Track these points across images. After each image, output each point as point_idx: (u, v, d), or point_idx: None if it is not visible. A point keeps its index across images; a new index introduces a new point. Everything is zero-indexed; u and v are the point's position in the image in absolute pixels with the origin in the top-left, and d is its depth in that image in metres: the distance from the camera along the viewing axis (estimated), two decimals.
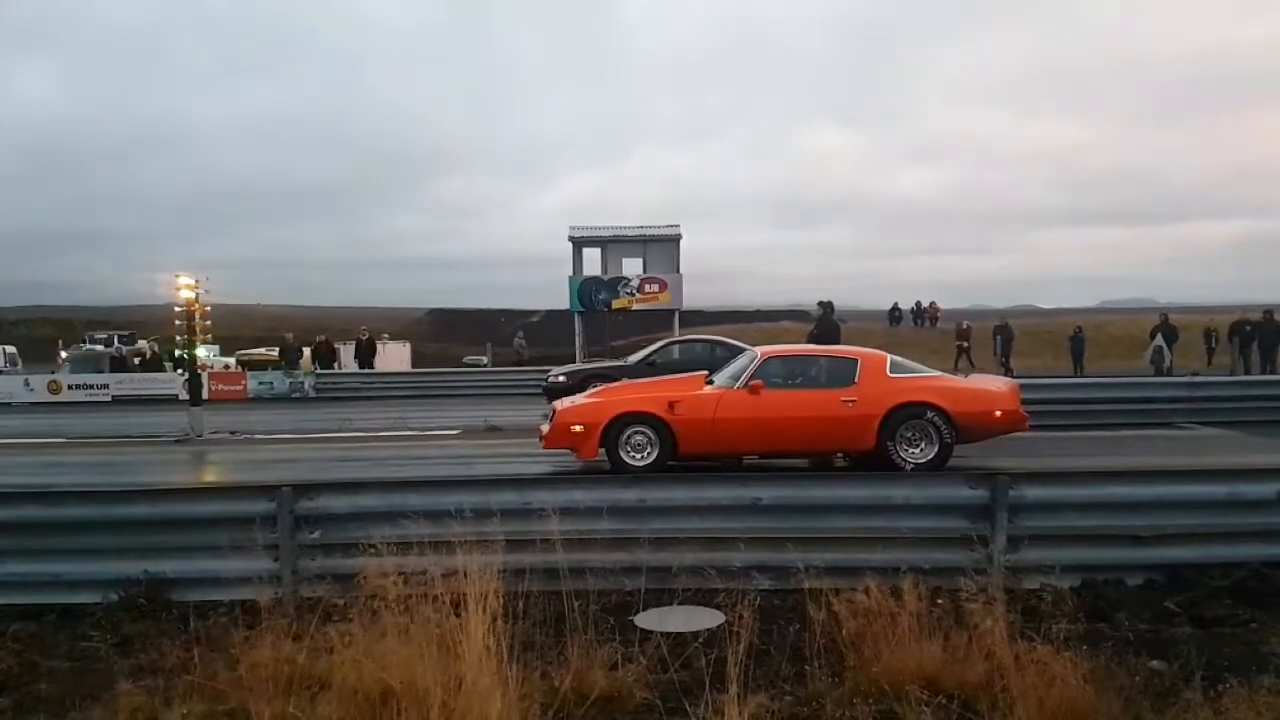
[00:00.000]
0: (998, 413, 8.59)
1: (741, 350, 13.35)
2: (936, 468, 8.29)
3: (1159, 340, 21.14)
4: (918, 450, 8.41)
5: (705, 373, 9.78)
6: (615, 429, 8.57)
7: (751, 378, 8.67)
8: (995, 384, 9.35)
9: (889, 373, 8.72)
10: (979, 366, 24.85)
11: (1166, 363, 20.83)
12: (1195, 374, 17.42)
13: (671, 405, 8.60)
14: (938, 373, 9.61)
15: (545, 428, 8.88)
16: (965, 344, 27.01)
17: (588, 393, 9.96)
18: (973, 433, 8.62)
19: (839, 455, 9.07)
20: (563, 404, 9.25)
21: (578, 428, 8.66)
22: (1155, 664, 4.10)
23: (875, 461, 8.45)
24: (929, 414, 8.40)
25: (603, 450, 8.58)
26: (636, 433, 8.58)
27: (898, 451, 8.39)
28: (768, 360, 9.02)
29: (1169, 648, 4.31)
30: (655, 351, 14.48)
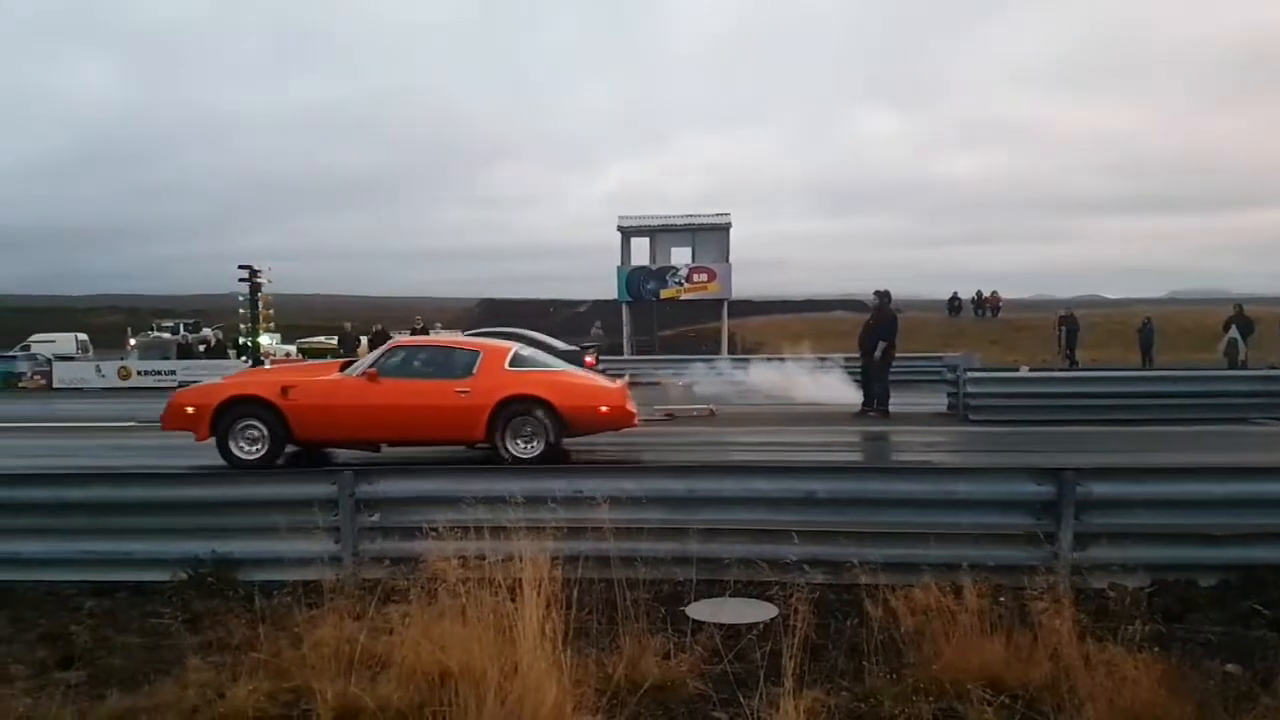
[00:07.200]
0: (603, 408, 9.00)
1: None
2: (546, 460, 8.53)
3: (1233, 332, 20.34)
4: (529, 445, 8.75)
5: (343, 360, 10.19)
6: (226, 413, 8.75)
7: (370, 365, 9.00)
8: (606, 381, 9.83)
9: (507, 366, 9.07)
10: (1043, 358, 24.25)
11: (1241, 355, 20.05)
12: (1272, 367, 16.74)
13: (285, 390, 8.80)
14: (567, 368, 10.03)
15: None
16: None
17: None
18: (578, 427, 8.99)
19: (463, 447, 9.25)
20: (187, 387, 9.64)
21: (190, 409, 8.89)
22: (1231, 667, 3.95)
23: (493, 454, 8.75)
24: (534, 407, 8.72)
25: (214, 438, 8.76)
26: (249, 425, 8.76)
27: (505, 444, 8.71)
28: (392, 349, 9.43)
29: (1245, 650, 4.15)
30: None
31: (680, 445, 11.14)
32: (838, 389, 15.79)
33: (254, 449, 8.78)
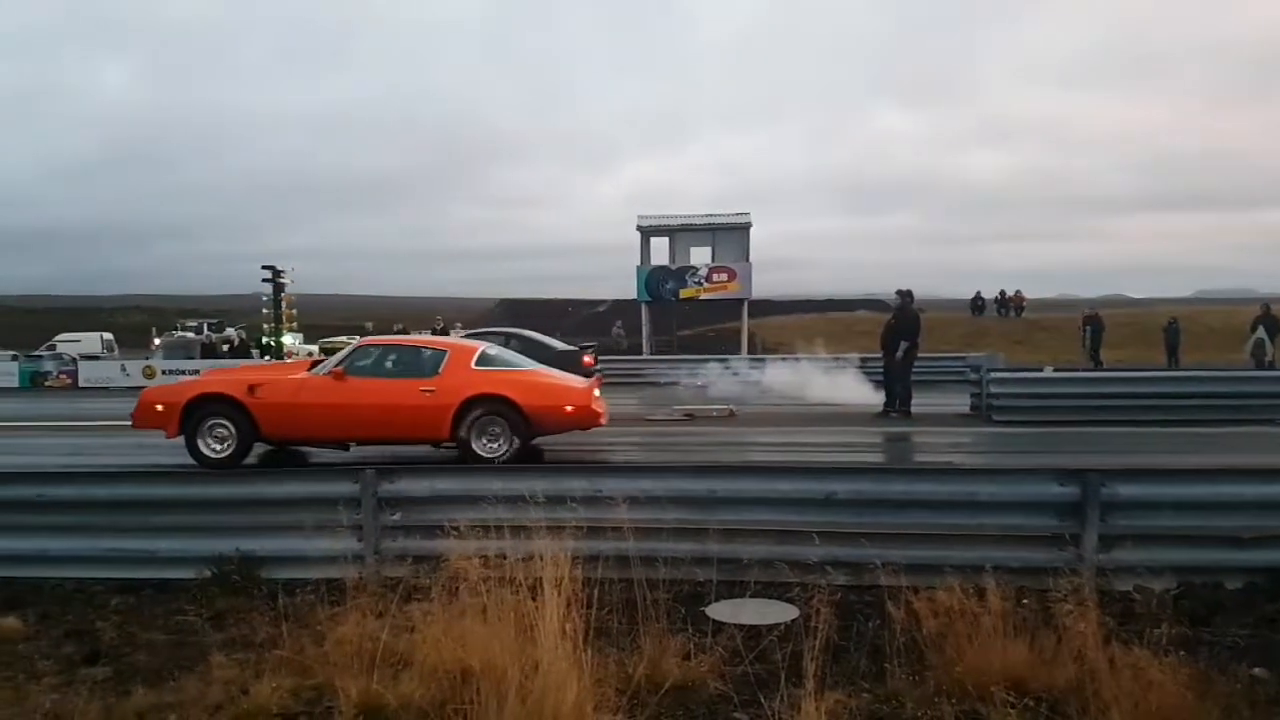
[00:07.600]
0: (568, 408, 8.99)
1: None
2: (513, 458, 8.52)
3: (1260, 332, 20.03)
4: (496, 445, 8.78)
5: (314, 360, 10.19)
6: (195, 412, 8.85)
7: (337, 364, 9.07)
8: (573, 381, 9.78)
9: (473, 365, 9.07)
10: (1067, 359, 23.99)
11: (1268, 356, 19.74)
12: None
13: (252, 388, 8.88)
14: (537, 367, 9.96)
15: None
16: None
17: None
18: (544, 426, 9.00)
19: (430, 446, 9.25)
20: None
21: (160, 407, 9.03)
22: (1258, 671, 3.89)
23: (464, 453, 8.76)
24: (499, 406, 8.73)
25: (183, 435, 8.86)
26: (217, 424, 8.84)
27: (472, 442, 8.72)
28: (359, 348, 9.52)
29: (1273, 654, 4.09)
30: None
31: (700, 445, 11.12)
32: (859, 389, 15.70)
33: (222, 447, 8.86)
